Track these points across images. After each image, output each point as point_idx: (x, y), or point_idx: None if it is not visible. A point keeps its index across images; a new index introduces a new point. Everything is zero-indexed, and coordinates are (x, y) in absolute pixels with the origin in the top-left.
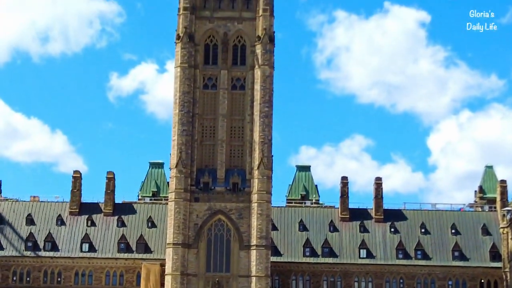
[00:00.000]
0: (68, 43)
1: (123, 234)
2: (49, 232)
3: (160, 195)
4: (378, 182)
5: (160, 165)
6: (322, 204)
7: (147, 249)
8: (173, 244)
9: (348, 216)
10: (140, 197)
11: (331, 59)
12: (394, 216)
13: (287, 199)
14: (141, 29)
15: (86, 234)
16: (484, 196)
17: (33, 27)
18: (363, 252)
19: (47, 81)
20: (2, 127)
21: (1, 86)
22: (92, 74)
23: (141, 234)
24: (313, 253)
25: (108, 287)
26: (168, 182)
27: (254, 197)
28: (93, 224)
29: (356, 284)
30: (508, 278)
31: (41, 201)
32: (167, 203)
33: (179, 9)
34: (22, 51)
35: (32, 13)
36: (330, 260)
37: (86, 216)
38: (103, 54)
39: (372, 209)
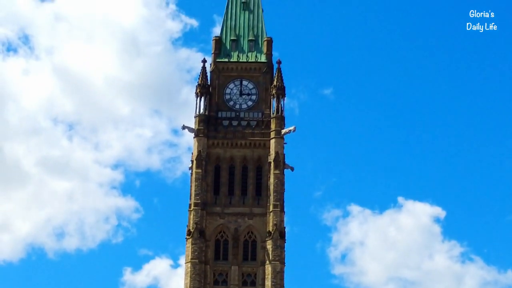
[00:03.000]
0: (83, 238)
1: None
2: None
3: None
4: None
5: None
6: None
7: None
8: None
9: None
10: None
11: (346, 254)
12: None
13: None
14: (157, 224)
15: None
16: None
17: (49, 223)
18: None
19: (61, 277)
20: None
21: (16, 282)
22: (106, 269)
23: None
24: None
25: None
26: None
27: None
28: None
29: None
30: None
31: None
32: None
33: (190, 205)
34: (37, 247)
35: (49, 209)
36: None
37: None
38: (118, 249)
39: None
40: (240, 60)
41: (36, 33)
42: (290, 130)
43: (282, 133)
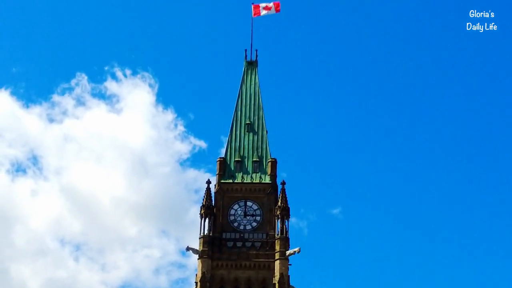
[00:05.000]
0: None
1: None
2: None
3: None
4: None
5: None
6: None
7: None
8: None
9: None
10: None
11: None
12: None
13: None
14: None
15: None
16: None
17: None
18: None
19: None
20: None
21: None
22: None
23: None
24: None
25: None
26: None
27: None
28: None
29: None
30: None
31: None
32: None
33: None
34: None
35: None
36: None
37: None
38: None
39: None
40: (245, 181)
41: (45, 154)
42: (295, 252)
43: (287, 254)
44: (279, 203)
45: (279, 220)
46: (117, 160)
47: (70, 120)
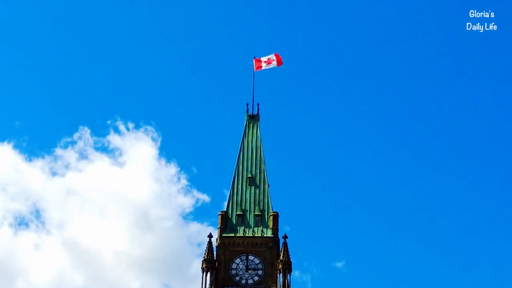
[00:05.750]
0: None
1: None
2: None
3: None
4: None
5: None
6: None
7: None
8: None
9: None
10: None
11: None
12: None
13: None
14: None
15: None
16: None
17: None
18: None
19: None
20: None
21: None
22: None
23: None
24: None
25: None
26: None
27: None
28: None
29: None
30: None
31: None
32: None
33: None
34: None
35: None
36: None
37: None
38: None
39: None
40: (246, 235)
41: (47, 208)
42: None
43: None
44: (281, 257)
45: (281, 274)
46: (120, 213)
47: (72, 174)
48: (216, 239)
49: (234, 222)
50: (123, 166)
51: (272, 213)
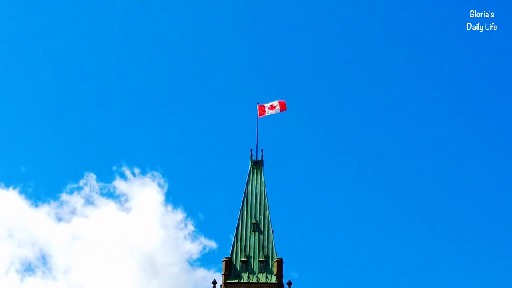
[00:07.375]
0: None
1: None
2: None
3: None
4: None
5: None
6: None
7: None
8: None
9: None
10: None
11: None
12: None
13: None
14: None
15: None
16: None
17: None
18: None
19: None
20: None
21: None
22: None
23: None
24: None
25: None
26: None
27: None
28: None
29: None
30: None
31: None
32: None
33: None
34: None
35: None
36: None
37: None
38: None
39: None
40: (251, 281)
41: (53, 253)
42: None
43: None
44: None
45: None
46: (126, 259)
47: (78, 219)
48: (221, 285)
49: (239, 268)
50: (129, 212)
51: (276, 259)
